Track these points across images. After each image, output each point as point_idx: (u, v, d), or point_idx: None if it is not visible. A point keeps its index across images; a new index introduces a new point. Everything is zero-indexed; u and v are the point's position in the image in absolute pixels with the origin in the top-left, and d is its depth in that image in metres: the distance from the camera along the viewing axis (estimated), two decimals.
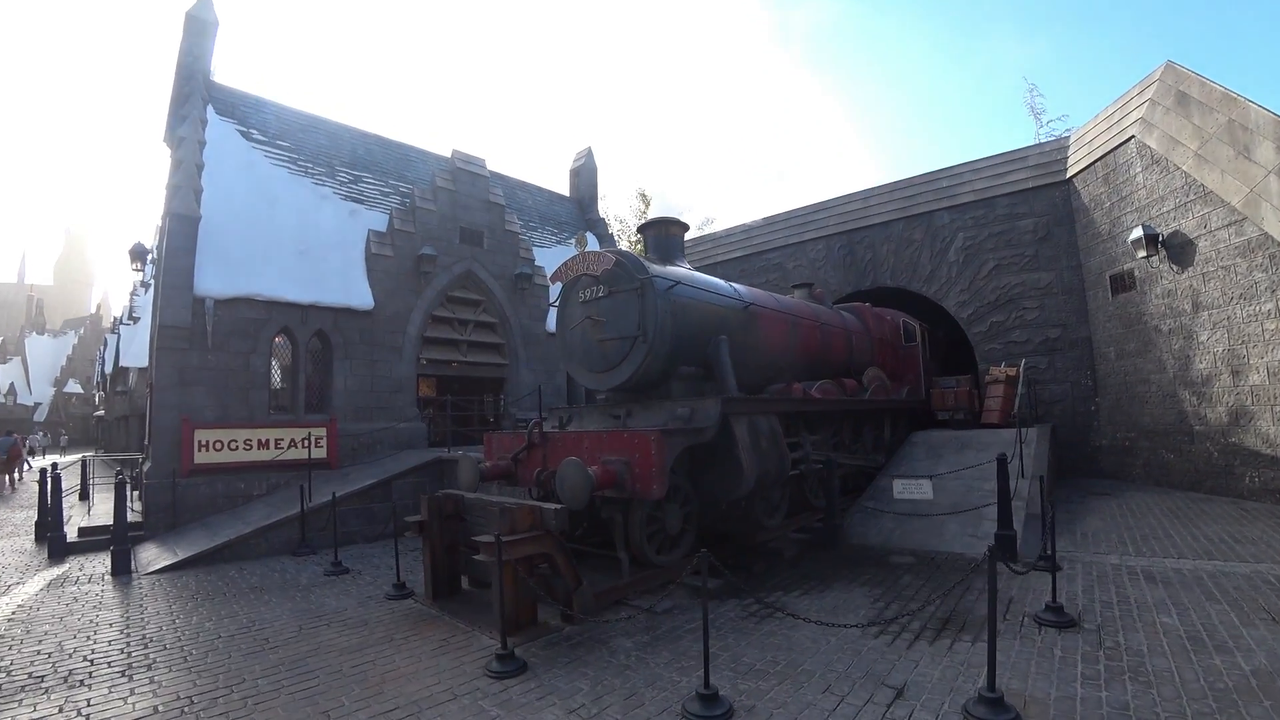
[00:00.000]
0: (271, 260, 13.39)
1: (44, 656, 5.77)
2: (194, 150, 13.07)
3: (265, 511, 10.83)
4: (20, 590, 8.18)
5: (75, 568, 9.39)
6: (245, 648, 5.83)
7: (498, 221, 17.07)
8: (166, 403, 11.75)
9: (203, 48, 14.70)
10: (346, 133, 17.36)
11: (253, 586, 8.04)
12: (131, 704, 4.73)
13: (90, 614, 7.03)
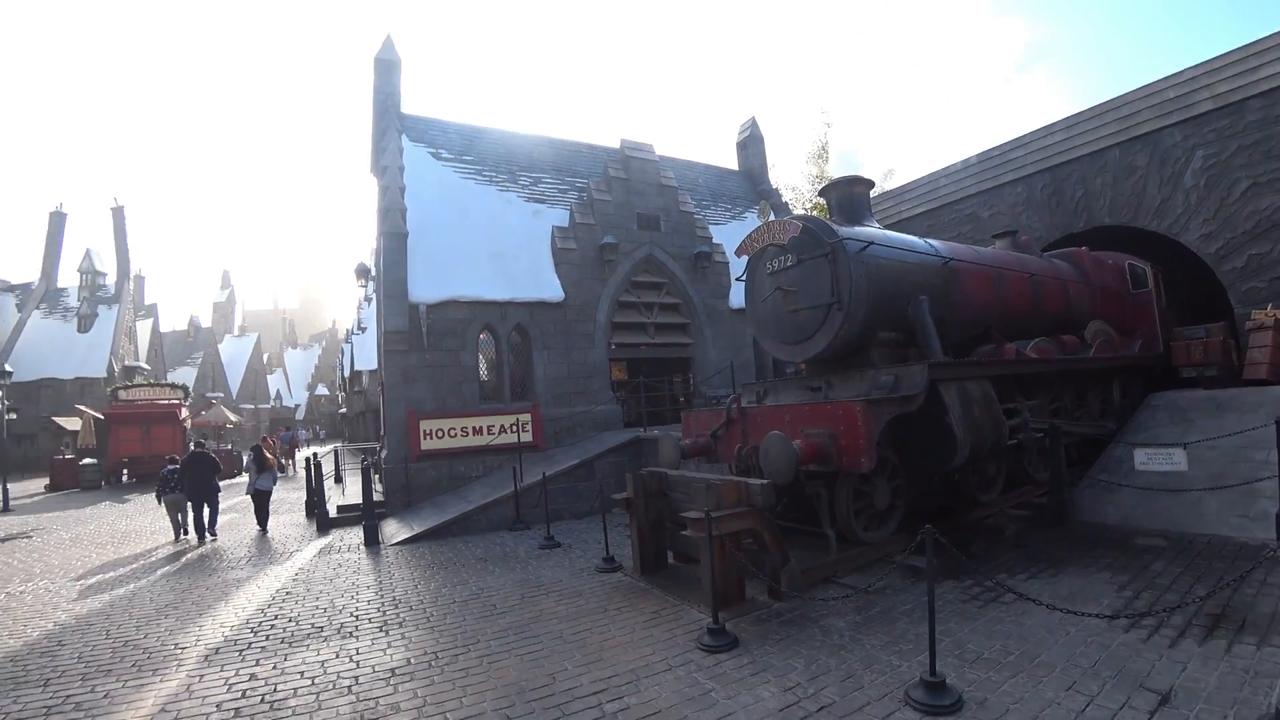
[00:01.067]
0: (470, 264, 14.58)
1: (321, 610, 6.72)
2: (396, 176, 14.66)
3: (483, 491, 11.84)
4: (299, 556, 9.67)
5: (337, 539, 10.89)
6: (477, 612, 6.36)
7: (672, 204, 17.19)
8: (395, 398, 13.24)
9: (391, 85, 16.65)
10: (521, 139, 18.50)
11: (478, 558, 8.80)
12: (390, 655, 5.35)
13: (351, 577, 8.08)
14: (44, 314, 39.09)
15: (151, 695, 4.86)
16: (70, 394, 35.30)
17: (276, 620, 6.48)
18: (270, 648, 5.70)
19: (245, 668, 5.27)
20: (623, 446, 12.15)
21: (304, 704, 4.53)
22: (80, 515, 16.32)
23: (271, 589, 7.78)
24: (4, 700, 4.97)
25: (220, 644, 5.89)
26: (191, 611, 7.02)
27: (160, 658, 5.65)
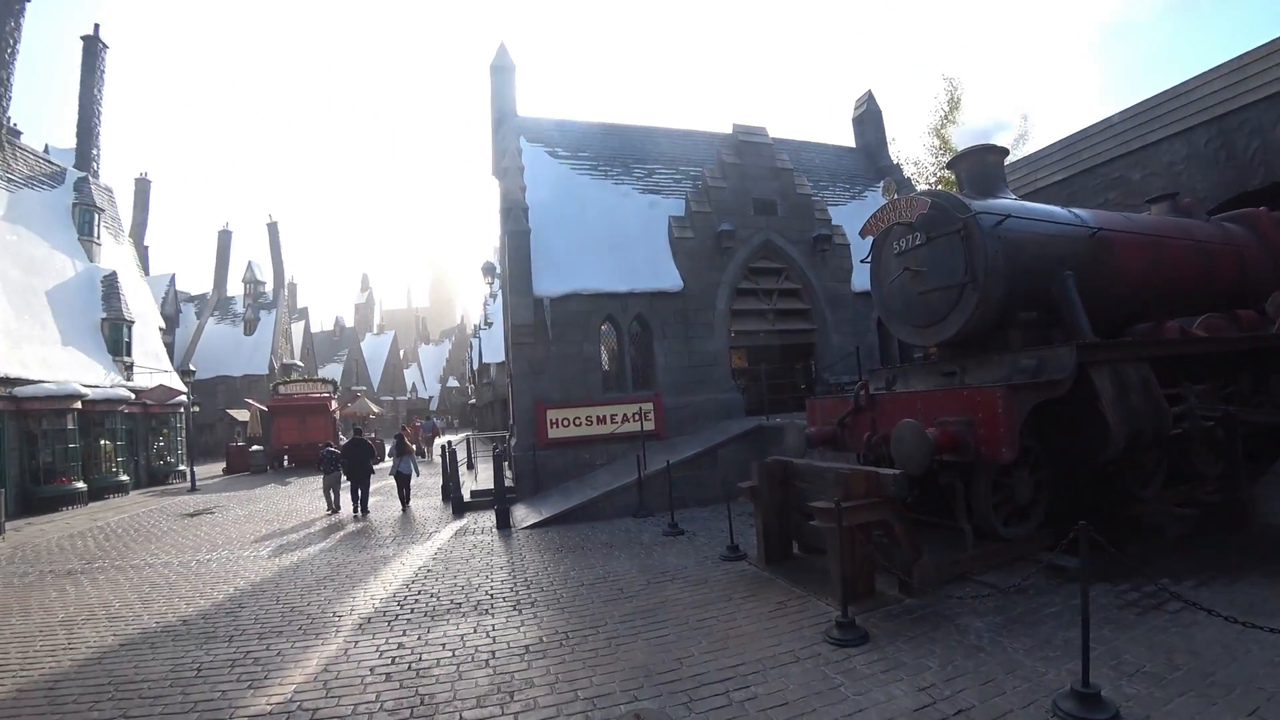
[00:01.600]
0: (590, 257, 14.94)
1: (459, 588, 7.16)
2: (516, 177, 15.23)
3: (607, 478, 12.14)
4: (438, 537, 10.35)
5: (471, 522, 11.55)
6: (604, 595, 6.54)
7: (788, 187, 16.77)
8: (523, 388, 13.81)
9: (507, 90, 17.37)
10: (633, 131, 18.66)
11: (604, 543, 9.05)
12: (523, 632, 5.62)
13: (485, 558, 8.55)
14: (217, 320, 44.12)
15: (315, 656, 5.39)
16: (240, 389, 39.67)
17: (420, 595, 6.97)
18: (415, 620, 6.14)
19: (394, 637, 5.71)
20: (745, 435, 12.06)
21: (446, 673, 4.85)
22: (251, 495, 18.27)
23: (414, 566, 8.37)
24: (197, 651, 5.69)
25: (371, 614, 6.42)
26: (346, 584, 7.70)
27: (321, 623, 6.24)
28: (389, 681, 4.77)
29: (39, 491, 17.02)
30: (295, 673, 5.06)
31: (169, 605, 7.26)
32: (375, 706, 4.39)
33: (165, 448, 24.90)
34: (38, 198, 22.43)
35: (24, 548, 11.64)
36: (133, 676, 5.22)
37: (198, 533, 12.24)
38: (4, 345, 17.32)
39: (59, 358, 19.47)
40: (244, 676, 5.06)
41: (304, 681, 4.89)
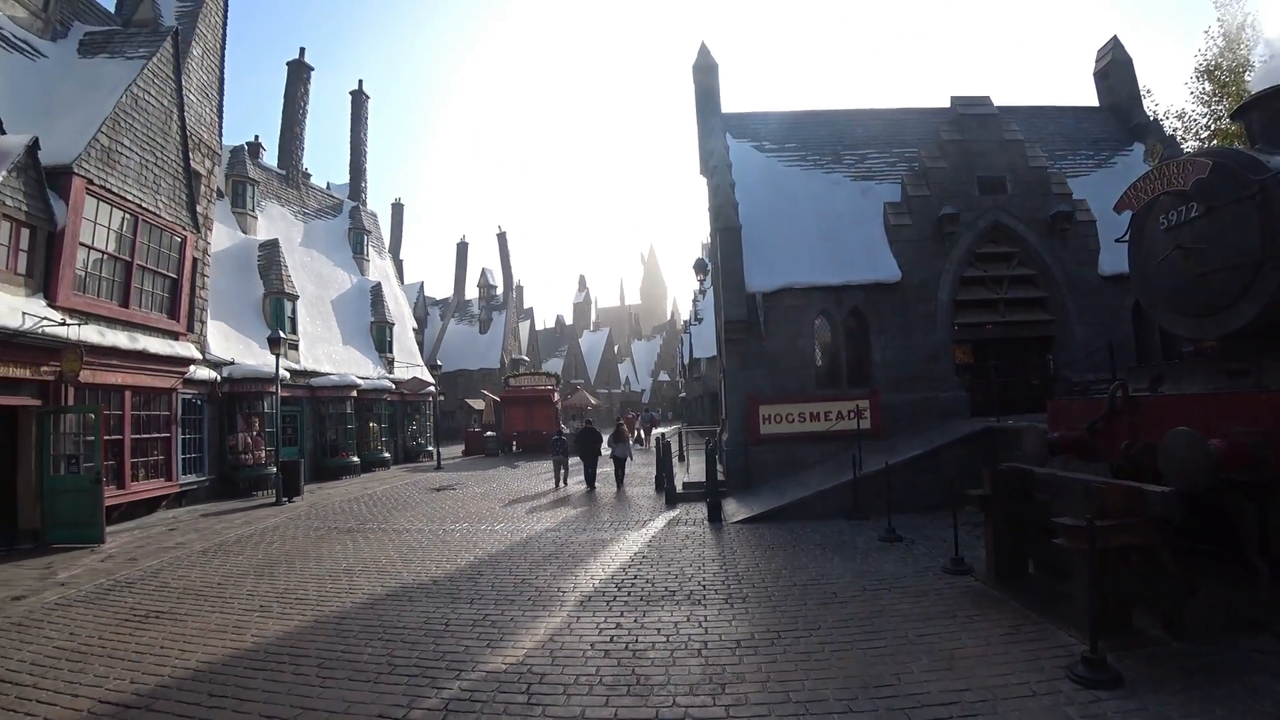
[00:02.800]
0: (802, 250, 14.60)
1: (672, 576, 7.43)
2: (724, 174, 15.30)
3: (820, 477, 11.84)
4: (652, 525, 10.83)
5: (683, 513, 11.91)
6: (816, 598, 6.40)
7: (1018, 160, 14.94)
8: (735, 384, 13.92)
9: (712, 88, 17.38)
10: (841, 116, 17.90)
11: (816, 544, 8.84)
12: (735, 626, 5.71)
13: (697, 549, 8.77)
14: (457, 321, 50.06)
15: (543, 626, 5.93)
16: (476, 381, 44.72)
17: (636, 580, 7.34)
18: (632, 603, 6.49)
19: (612, 617, 6.09)
20: (972, 437, 11.07)
21: (660, 657, 5.08)
22: (485, 475, 20.58)
23: (630, 551, 8.84)
24: (445, 609, 6.55)
25: (592, 593, 6.90)
26: (569, 562, 8.35)
27: (548, 597, 6.85)
28: (607, 658, 5.10)
29: (326, 463, 20.91)
30: (525, 639, 5.61)
31: (422, 566, 8.44)
32: (595, 679, 4.73)
33: (417, 430, 28.95)
34: (324, 226, 27.48)
35: (316, 507, 14.43)
36: (396, 623, 6.16)
37: (443, 505, 14.05)
38: (304, 345, 21.26)
39: (341, 354, 23.54)
40: (483, 636, 5.72)
41: (533, 648, 5.41)
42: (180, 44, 14.56)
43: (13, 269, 10.51)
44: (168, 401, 14.01)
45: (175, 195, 14.07)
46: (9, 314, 9.90)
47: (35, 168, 10.83)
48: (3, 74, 10.95)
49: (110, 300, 12.43)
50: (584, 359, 72.09)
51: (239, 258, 20.33)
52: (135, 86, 12.87)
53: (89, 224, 11.84)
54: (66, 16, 13.94)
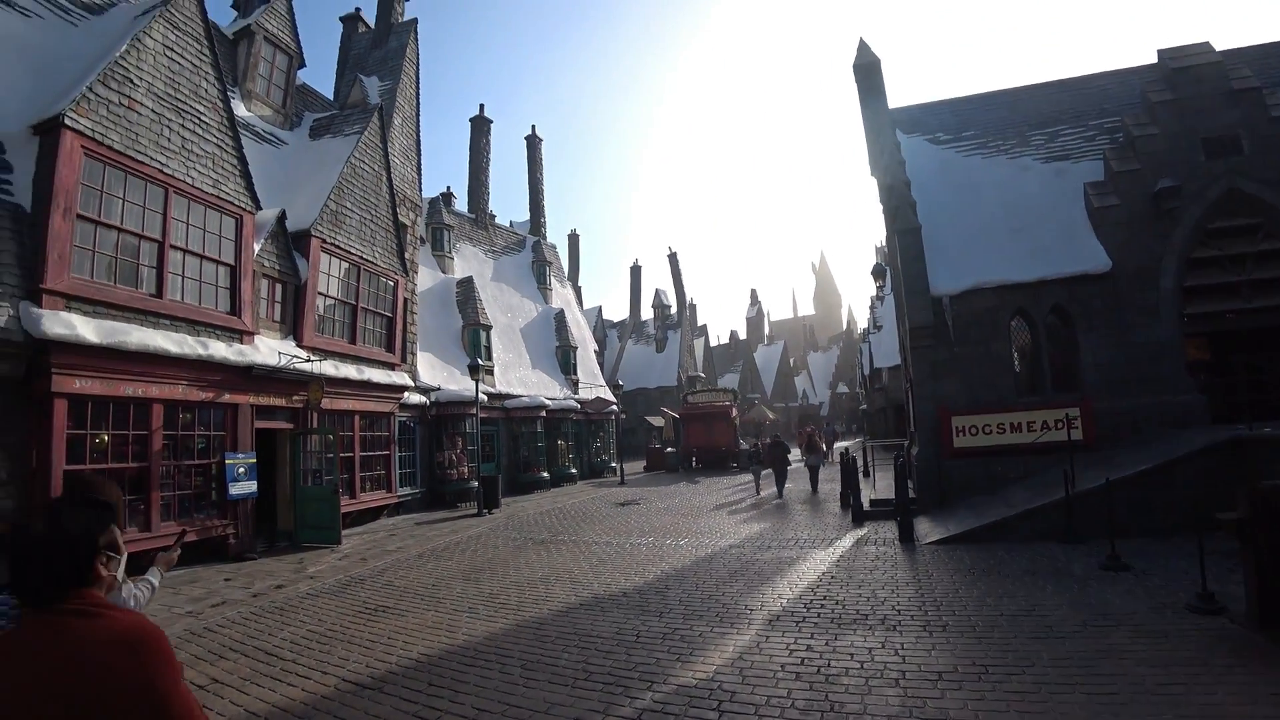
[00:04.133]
0: (991, 246, 13.44)
1: (863, 599, 7.13)
2: (898, 172, 14.52)
3: (1025, 495, 10.77)
4: (839, 544, 10.45)
5: (871, 531, 11.37)
6: (1029, 630, 5.82)
7: (1256, 111, 12.42)
8: (924, 394, 13.10)
9: (875, 86, 16.53)
10: (1023, 94, 16.34)
11: (1024, 570, 8.02)
12: (935, 656, 5.34)
13: (890, 571, 8.33)
14: (634, 341, 51.87)
15: (731, 643, 5.94)
16: (654, 399, 45.94)
17: (825, 601, 7.13)
18: (822, 625, 6.31)
19: (802, 638, 5.96)
20: (1214, 449, 9.40)
21: (855, 684, 4.89)
22: (667, 490, 21.04)
23: (817, 571, 8.60)
24: (635, 620, 6.77)
25: (780, 613, 6.80)
26: (755, 580, 8.28)
27: (735, 614, 6.84)
28: (799, 681, 5.01)
29: (519, 478, 22.70)
30: (714, 655, 5.66)
31: (611, 578, 8.81)
32: (786, 702, 4.66)
33: (601, 447, 30.27)
34: (510, 260, 29.95)
35: (513, 518, 15.58)
36: (590, 631, 6.48)
37: (628, 520, 14.55)
38: (499, 370, 23.19)
39: (530, 378, 25.38)
40: (673, 650, 5.85)
41: (722, 665, 5.43)
42: (384, 117, 16.73)
43: (270, 317, 12.71)
44: (387, 423, 15.94)
45: (387, 245, 16.08)
46: (270, 354, 11.99)
47: (284, 234, 13.01)
48: (256, 161, 13.19)
49: (341, 339, 14.51)
50: (759, 373, 71.45)
51: (440, 295, 22.75)
52: (353, 158, 14.97)
53: (324, 276, 13.95)
54: (299, 109, 16.58)
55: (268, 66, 15.53)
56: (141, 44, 10.39)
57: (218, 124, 11.62)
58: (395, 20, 20.85)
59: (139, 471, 9.75)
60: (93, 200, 9.48)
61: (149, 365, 9.78)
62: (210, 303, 11.20)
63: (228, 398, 11.21)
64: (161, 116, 10.58)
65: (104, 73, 9.71)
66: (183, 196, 10.78)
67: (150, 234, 10.25)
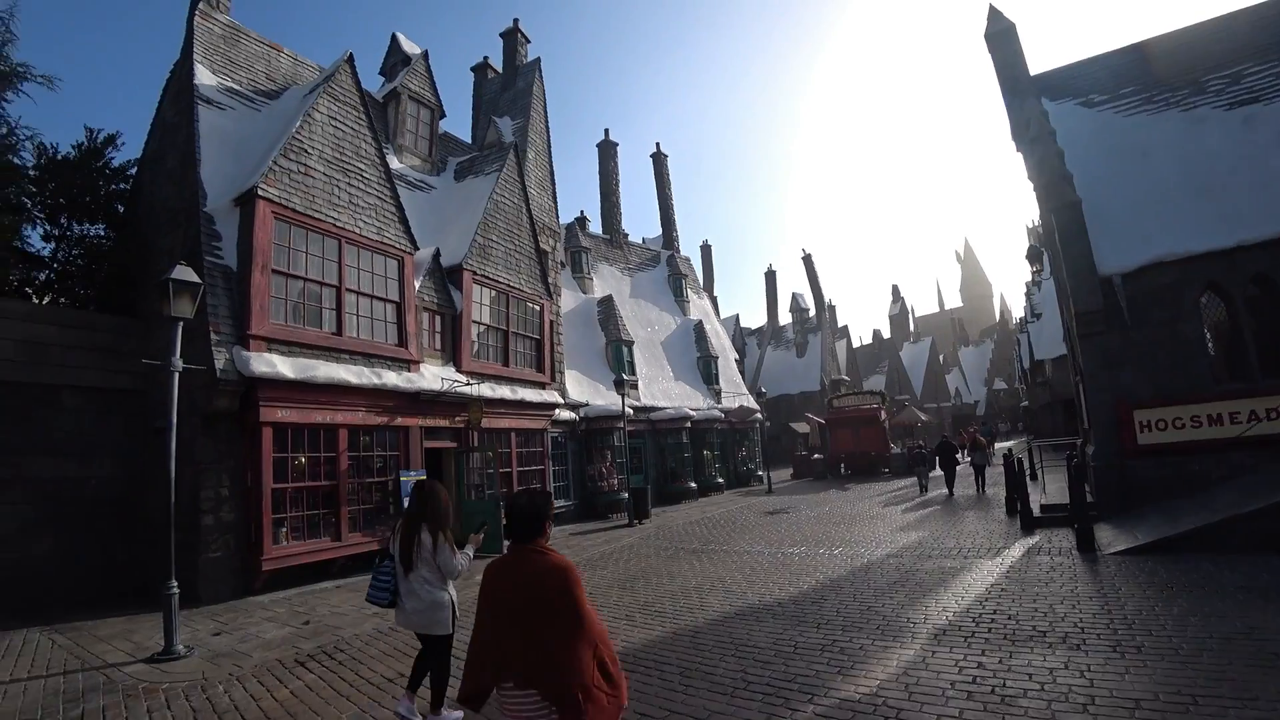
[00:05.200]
0: (1166, 213, 11.95)
1: (1040, 614, 6.57)
2: (1049, 144, 13.27)
3: (1233, 497, 9.46)
4: (1007, 553, 9.72)
5: (1044, 540, 10.47)
6: (1245, 656, 5.09)
7: None
8: (1098, 386, 11.87)
9: (1012, 53, 15.21)
10: (1190, 35, 14.41)
11: (1238, 585, 7.03)
12: (1129, 681, 4.80)
13: (1068, 584, 7.63)
14: (773, 348, 51.04)
15: (894, 658, 5.69)
16: (796, 405, 44.84)
17: (995, 615, 6.66)
18: (994, 641, 5.90)
19: (972, 655, 5.59)
20: None
21: (1035, 707, 4.52)
22: (816, 499, 20.44)
23: (985, 582, 8.04)
24: (792, 631, 6.66)
25: (945, 626, 6.43)
26: (916, 591, 7.89)
27: (897, 627, 6.55)
28: (971, 701, 4.71)
29: (667, 488, 22.86)
30: (877, 669, 5.45)
31: (765, 588, 8.71)
32: None
33: (746, 456, 29.92)
34: (646, 276, 30.57)
35: (663, 528, 15.79)
36: (746, 641, 6.45)
37: (779, 529, 14.33)
38: (642, 384, 23.74)
39: (674, 389, 25.72)
40: (832, 662, 5.70)
41: (886, 680, 5.22)
42: (519, 153, 17.79)
43: (432, 346, 13.84)
44: (540, 439, 16.79)
45: (531, 272, 17.01)
46: (434, 380, 13.06)
47: (439, 271, 14.16)
48: (410, 206, 14.44)
49: (496, 362, 15.48)
50: (906, 373, 67.74)
51: (582, 315, 23.74)
52: (494, 194, 16.03)
53: (476, 305, 14.98)
54: (443, 156, 17.98)
55: (414, 121, 16.99)
56: (311, 118, 11.81)
57: (377, 178, 12.89)
58: (520, 62, 22.13)
59: (330, 489, 11.02)
60: (282, 255, 10.89)
61: (334, 395, 11.04)
62: (381, 337, 12.40)
63: (400, 421, 12.34)
64: (331, 177, 11.93)
65: (284, 147, 11.16)
66: (353, 245, 12.06)
67: (329, 280, 11.58)
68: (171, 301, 7.30)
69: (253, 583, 9.90)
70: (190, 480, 9.54)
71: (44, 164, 12.35)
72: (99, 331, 10.93)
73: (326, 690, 5.86)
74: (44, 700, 5.83)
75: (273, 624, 8.32)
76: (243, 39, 13.56)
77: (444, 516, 4.97)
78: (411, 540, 4.89)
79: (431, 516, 4.93)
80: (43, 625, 8.62)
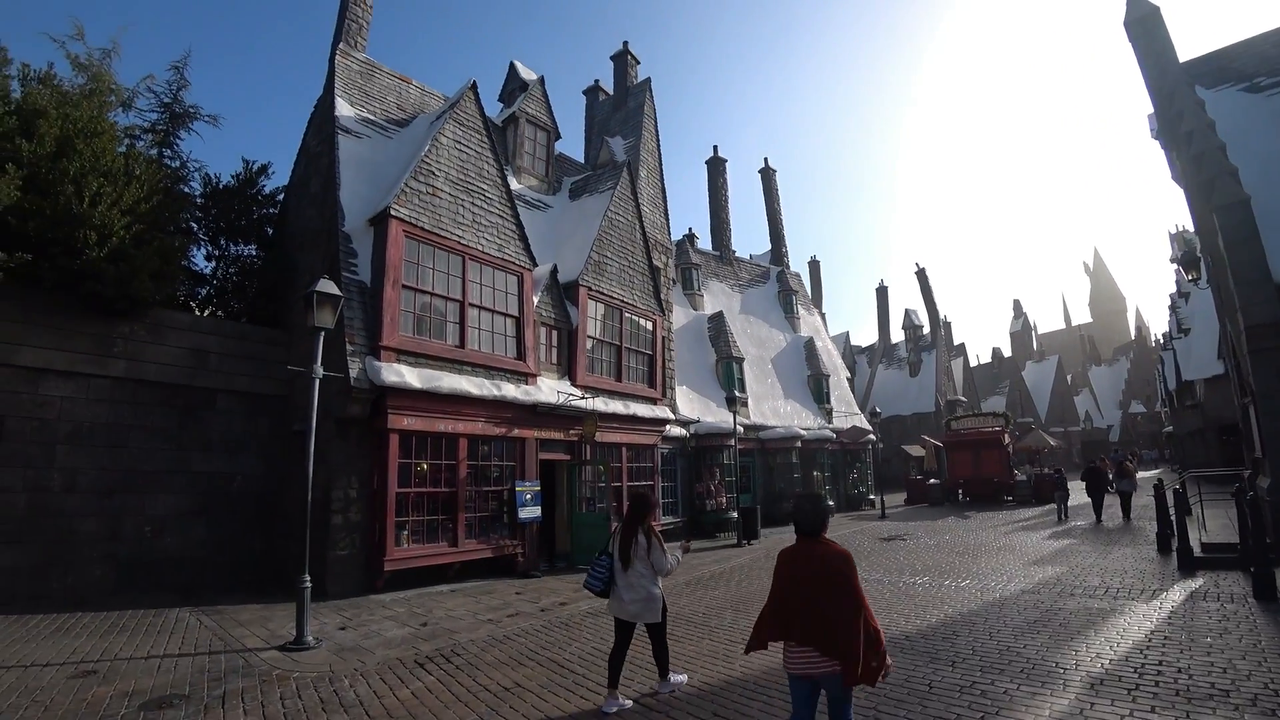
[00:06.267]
0: None
1: (1217, 669, 5.77)
2: (1207, 136, 11.99)
3: None
4: (1166, 597, 8.68)
5: (1209, 583, 9.31)
6: None
7: None
8: (1273, 410, 10.53)
9: (1159, 39, 13.99)
10: None
11: None
12: None
13: (1248, 635, 6.70)
14: (885, 366, 48.89)
15: (1046, 707, 5.13)
16: (910, 426, 42.63)
17: (1162, 667, 5.93)
18: (1164, 697, 5.23)
19: (1139, 711, 4.97)
20: None
21: None
22: (934, 526, 19.23)
23: (1142, 629, 7.20)
24: (925, 669, 6.17)
25: (1102, 675, 5.76)
26: (1061, 633, 7.16)
27: (1044, 671, 5.92)
28: None
29: (774, 509, 22.25)
30: (1027, 716, 4.94)
31: (890, 620, 8.13)
32: None
33: (858, 478, 28.73)
34: (756, 292, 30.18)
35: (772, 551, 14.86)
36: None
37: (897, 556, 13.57)
38: (752, 402, 23.40)
39: (784, 408, 25.18)
40: (974, 706, 5.21)
41: None
42: (632, 171, 18.07)
43: (549, 361, 14.19)
44: (651, 455, 16.80)
45: (645, 288, 17.18)
46: (550, 393, 13.38)
47: (556, 286, 14.56)
48: (529, 224, 14.96)
49: (609, 377, 15.71)
50: (1030, 394, 63.20)
51: (693, 331, 23.71)
52: (609, 212, 16.34)
53: (591, 321, 15.28)
54: (559, 176, 18.54)
55: (531, 144, 17.62)
56: (438, 142, 12.49)
57: (499, 198, 13.44)
58: (631, 82, 22.53)
59: (449, 495, 11.47)
60: (411, 272, 11.53)
61: (456, 405, 11.51)
62: (501, 350, 12.85)
63: (516, 432, 12.70)
64: (456, 198, 12.54)
65: (414, 169, 11.86)
66: (476, 261, 12.59)
67: (453, 295, 12.15)
68: (314, 312, 7.84)
69: (375, 581, 10.41)
70: (323, 481, 10.16)
71: (208, 192, 13.76)
72: (250, 341, 12.01)
73: (445, 694, 5.97)
74: (191, 677, 6.34)
75: (393, 622, 8.67)
76: (377, 73, 14.56)
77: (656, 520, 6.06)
78: (630, 540, 5.62)
79: (647, 520, 5.73)
80: (193, 606, 9.53)
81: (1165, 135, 13.92)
